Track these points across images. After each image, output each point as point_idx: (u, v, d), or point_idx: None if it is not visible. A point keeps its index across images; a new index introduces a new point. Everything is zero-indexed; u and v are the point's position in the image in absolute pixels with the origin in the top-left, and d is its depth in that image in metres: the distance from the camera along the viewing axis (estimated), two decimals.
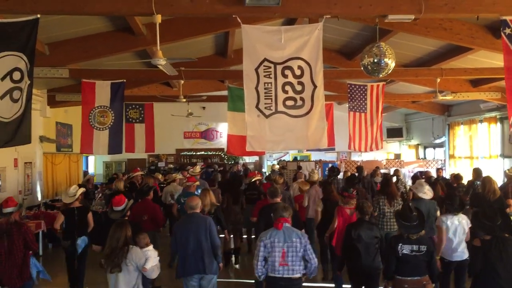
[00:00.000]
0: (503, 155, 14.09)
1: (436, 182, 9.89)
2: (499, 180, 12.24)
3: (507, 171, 10.73)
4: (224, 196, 9.51)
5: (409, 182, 13.72)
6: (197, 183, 9.86)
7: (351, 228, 6.10)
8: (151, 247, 5.57)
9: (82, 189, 7.97)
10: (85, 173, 17.85)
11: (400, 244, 5.16)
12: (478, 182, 9.51)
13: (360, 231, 5.97)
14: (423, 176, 12.84)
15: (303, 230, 6.35)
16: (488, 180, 8.40)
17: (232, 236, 9.43)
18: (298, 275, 5.03)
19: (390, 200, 7.70)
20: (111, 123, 9.79)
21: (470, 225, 6.33)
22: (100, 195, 13.01)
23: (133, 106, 12.74)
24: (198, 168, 12.04)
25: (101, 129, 9.75)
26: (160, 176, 13.72)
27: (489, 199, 7.94)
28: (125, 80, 9.87)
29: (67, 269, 7.84)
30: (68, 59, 9.26)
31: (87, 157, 19.22)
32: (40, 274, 6.47)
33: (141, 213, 7.83)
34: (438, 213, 7.37)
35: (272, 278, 5.03)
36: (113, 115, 9.76)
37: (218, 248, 6.08)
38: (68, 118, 15.39)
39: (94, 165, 20.93)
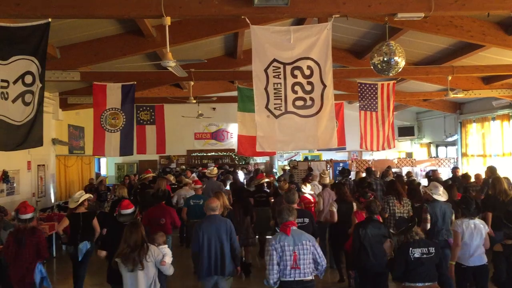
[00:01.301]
0: None
1: (452, 185, 9.21)
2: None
3: None
4: (235, 208, 8.85)
5: (423, 182, 13.57)
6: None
7: (359, 227, 6.13)
8: (166, 245, 5.80)
9: (87, 195, 7.93)
10: (97, 175, 18.00)
11: (411, 249, 5.16)
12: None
13: (367, 230, 6.00)
14: (431, 176, 12.73)
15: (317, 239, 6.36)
16: (497, 181, 8.28)
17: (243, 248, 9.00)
18: (310, 277, 4.99)
19: (400, 200, 7.67)
20: (123, 125, 9.85)
21: (488, 230, 6.16)
22: (113, 197, 13.12)
23: (144, 108, 12.80)
24: (215, 170, 11.93)
25: (112, 131, 9.81)
26: (172, 178, 13.77)
27: (502, 200, 7.81)
28: (135, 82, 9.92)
29: (73, 274, 7.79)
30: (79, 62, 9.34)
31: (99, 159, 19.37)
32: (44, 281, 6.47)
33: (159, 217, 7.97)
34: (454, 216, 7.20)
35: (284, 283, 4.93)
36: (124, 117, 9.82)
37: (238, 250, 6.20)
38: (80, 120, 15.53)
39: (106, 167, 21.09)
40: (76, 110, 14.77)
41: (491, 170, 9.97)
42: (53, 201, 13.47)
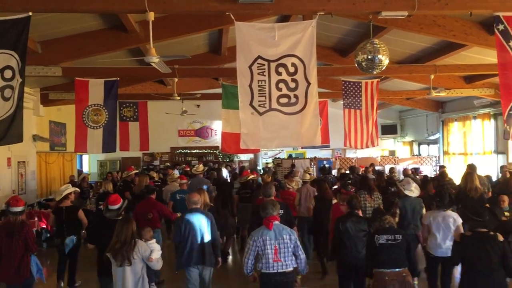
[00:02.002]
0: (497, 151, 14.16)
1: (428, 181, 9.79)
2: (493, 176, 12.35)
3: (507, 167, 10.73)
4: (216, 201, 9.39)
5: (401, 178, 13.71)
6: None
7: (339, 221, 6.28)
8: (154, 240, 5.82)
9: (72, 189, 8.05)
10: (79, 171, 17.78)
11: (376, 236, 5.36)
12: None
13: (348, 224, 6.13)
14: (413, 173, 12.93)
15: (295, 228, 6.72)
16: (469, 177, 8.57)
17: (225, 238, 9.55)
18: (290, 269, 5.22)
19: (370, 194, 7.88)
20: (105, 122, 9.73)
21: (459, 224, 6.37)
22: (96, 194, 12.98)
23: (127, 104, 12.68)
24: (201, 167, 11.90)
25: (95, 127, 9.69)
26: (155, 175, 13.68)
27: (472, 197, 8.12)
28: (118, 78, 9.81)
29: (57, 265, 8.02)
30: (60, 57, 9.21)
31: (81, 155, 19.15)
32: (38, 273, 6.49)
33: (146, 211, 7.98)
34: (424, 210, 7.46)
35: (268, 274, 5.17)
36: (107, 113, 9.70)
37: (218, 243, 6.45)
38: (62, 116, 15.32)
39: (88, 163, 20.85)
40: (58, 106, 14.55)
41: (471, 168, 10.14)
42: (33, 198, 13.27)
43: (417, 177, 12.04)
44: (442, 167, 12.38)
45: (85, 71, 10.06)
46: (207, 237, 6.24)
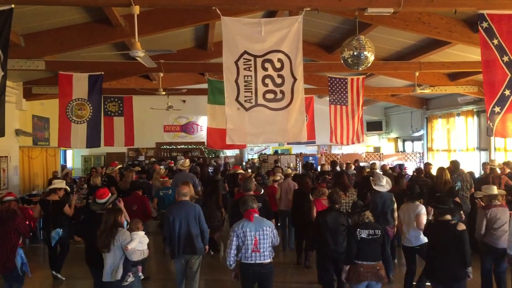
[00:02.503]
0: (480, 148, 14.35)
1: (401, 176, 10.19)
2: (476, 172, 12.52)
3: (488, 164, 10.93)
4: (206, 204, 9.59)
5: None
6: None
7: (319, 215, 6.61)
8: (142, 232, 5.85)
9: (64, 185, 8.40)
10: (63, 167, 17.59)
11: (358, 230, 5.55)
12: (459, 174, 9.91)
13: (327, 218, 6.39)
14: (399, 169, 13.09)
15: (273, 220, 6.99)
16: (440, 172, 9.17)
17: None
18: (268, 260, 5.42)
19: (344, 191, 7.99)
20: (89, 116, 9.63)
21: (419, 213, 6.68)
22: (79, 190, 12.85)
23: (112, 99, 12.56)
24: (187, 162, 11.91)
25: (79, 122, 9.60)
26: (138, 169, 13.59)
27: (441, 190, 8.60)
28: (103, 73, 9.72)
29: (48, 256, 8.25)
30: (44, 51, 9.07)
31: (65, 150, 18.93)
32: (23, 266, 6.57)
33: (131, 203, 8.13)
34: (395, 205, 7.78)
35: (246, 265, 5.37)
36: (91, 108, 9.61)
37: (206, 233, 6.73)
38: (45, 111, 15.11)
39: (72, 159, 20.63)
40: (41, 100, 14.34)
41: (454, 164, 10.30)
42: (16, 193, 13.08)
43: (402, 173, 12.18)
44: (427, 164, 12.49)
45: (69, 65, 9.93)
46: (195, 228, 6.50)
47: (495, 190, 6.82)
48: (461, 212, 7.71)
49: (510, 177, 10.30)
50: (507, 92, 5.92)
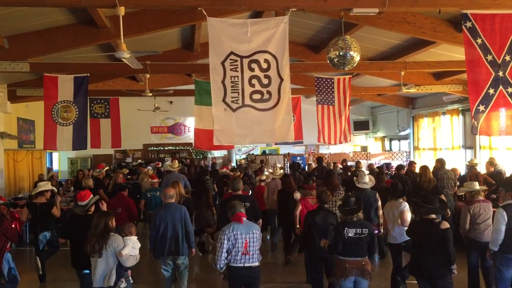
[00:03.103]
0: (465, 146, 14.50)
1: (382, 173, 10.37)
2: (462, 170, 12.67)
3: (467, 163, 11.14)
4: (197, 203, 9.65)
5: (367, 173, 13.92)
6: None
7: (308, 215, 6.61)
8: (134, 237, 5.74)
9: (50, 187, 8.37)
10: (49, 169, 17.42)
11: (346, 228, 5.52)
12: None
13: (316, 218, 6.41)
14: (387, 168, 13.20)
15: (260, 221, 7.06)
16: (424, 171, 9.22)
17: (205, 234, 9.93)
18: (256, 264, 5.39)
19: (332, 191, 8.07)
20: (75, 118, 9.55)
21: (402, 210, 6.79)
22: (66, 192, 12.72)
23: (98, 100, 12.46)
24: (176, 163, 11.88)
25: (64, 124, 9.51)
26: (126, 172, 13.51)
27: (426, 188, 8.69)
28: (88, 74, 9.64)
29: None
30: (28, 53, 8.99)
31: (51, 153, 18.74)
32: (12, 270, 6.57)
33: (116, 206, 8.11)
34: (379, 203, 7.90)
35: (235, 268, 5.31)
36: (77, 110, 9.53)
37: (192, 234, 6.85)
38: (30, 113, 14.94)
39: (58, 161, 20.42)
40: (26, 102, 14.18)
41: (440, 162, 10.48)
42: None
43: (383, 170, 12.29)
44: (412, 162, 12.63)
45: (54, 66, 9.84)
46: (181, 230, 6.64)
47: (476, 185, 6.93)
48: (447, 209, 7.81)
49: (495, 175, 10.47)
50: (491, 91, 6.00)
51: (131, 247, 5.50)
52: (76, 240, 5.98)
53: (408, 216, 6.68)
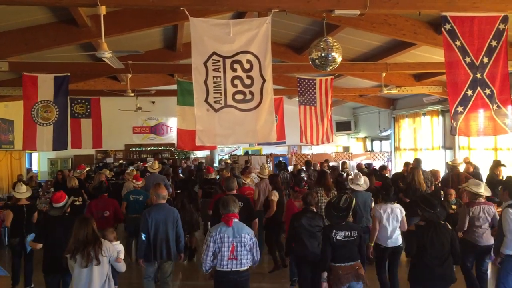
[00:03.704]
0: (445, 147, 14.73)
1: (371, 174, 10.39)
2: (441, 170, 12.84)
3: (449, 163, 11.30)
4: (179, 196, 9.44)
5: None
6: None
7: (294, 217, 6.41)
8: (118, 242, 5.72)
9: (27, 193, 8.05)
10: (28, 170, 17.17)
11: (334, 231, 5.39)
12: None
13: (303, 220, 6.24)
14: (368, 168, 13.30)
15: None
16: (416, 173, 9.20)
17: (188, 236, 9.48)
18: (245, 268, 5.17)
19: (327, 192, 7.94)
20: (56, 119, 9.41)
21: (403, 214, 6.74)
22: (46, 193, 12.55)
23: (79, 100, 12.33)
24: (157, 164, 11.70)
25: (44, 124, 9.37)
26: (107, 172, 13.39)
27: (418, 189, 8.70)
28: (69, 74, 9.53)
29: (11, 267, 7.82)
30: (7, 52, 8.83)
31: (30, 154, 18.47)
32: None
33: (102, 210, 7.95)
34: (373, 204, 7.71)
35: (221, 272, 5.11)
36: (57, 110, 9.40)
37: (183, 238, 6.63)
38: (9, 113, 14.70)
39: (38, 162, 20.14)
40: (5, 102, 13.96)
41: (417, 162, 10.81)
42: None
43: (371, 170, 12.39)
44: (384, 167, 12.56)
45: (34, 66, 9.69)
46: (172, 233, 6.40)
47: (482, 188, 6.61)
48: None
49: (474, 175, 10.64)
50: (470, 92, 6.10)
51: (123, 252, 5.45)
52: (52, 244, 5.79)
53: (405, 221, 6.70)
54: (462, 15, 6.01)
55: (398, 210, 6.73)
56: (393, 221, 6.64)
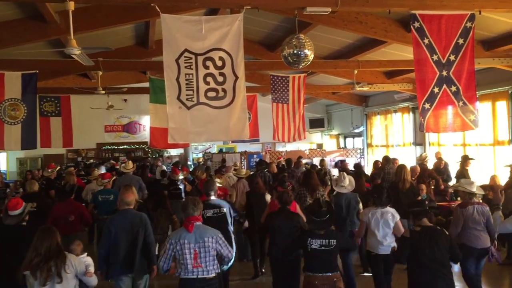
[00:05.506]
0: (415, 143, 15.01)
1: (361, 176, 9.56)
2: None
3: (418, 158, 11.55)
4: (147, 204, 8.45)
5: (332, 172, 14.06)
6: (113, 178, 9.67)
7: (269, 217, 6.19)
8: (85, 254, 5.32)
9: None
10: None
11: (309, 239, 5.00)
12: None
13: (279, 221, 5.97)
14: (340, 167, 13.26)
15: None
16: (400, 170, 8.49)
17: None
18: (213, 275, 4.73)
19: (312, 192, 7.72)
20: (24, 117, 9.18)
21: (396, 218, 6.16)
22: (14, 194, 12.23)
23: (48, 98, 12.10)
24: (131, 164, 10.98)
25: (12, 123, 9.13)
26: (71, 169, 13.08)
27: (400, 188, 8.09)
28: (37, 71, 9.30)
29: None
30: None
31: None
32: None
33: (66, 214, 7.43)
34: (361, 205, 7.24)
35: (187, 280, 4.68)
36: (25, 108, 9.16)
37: (153, 246, 5.79)
38: None
39: (6, 162, 19.65)
40: None
41: (386, 159, 10.94)
42: None
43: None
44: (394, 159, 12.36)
45: (0, 63, 9.45)
46: (140, 242, 5.55)
47: (475, 187, 6.25)
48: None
49: (442, 170, 10.93)
50: (436, 90, 6.23)
51: (92, 265, 4.99)
52: (4, 258, 5.16)
53: (400, 225, 6.11)
54: (430, 13, 6.14)
55: (389, 215, 6.10)
56: (383, 226, 6.05)
